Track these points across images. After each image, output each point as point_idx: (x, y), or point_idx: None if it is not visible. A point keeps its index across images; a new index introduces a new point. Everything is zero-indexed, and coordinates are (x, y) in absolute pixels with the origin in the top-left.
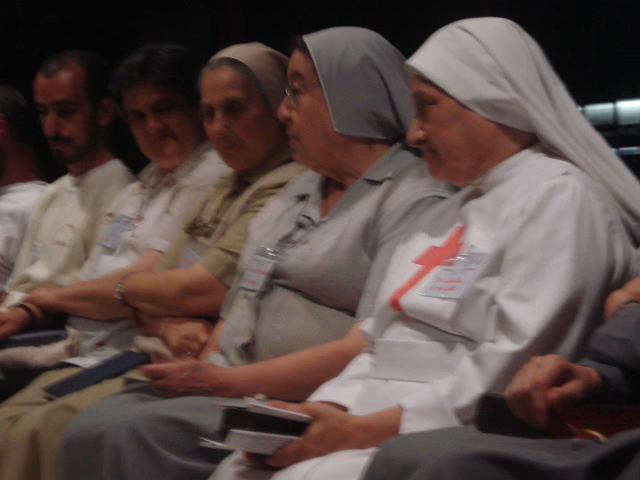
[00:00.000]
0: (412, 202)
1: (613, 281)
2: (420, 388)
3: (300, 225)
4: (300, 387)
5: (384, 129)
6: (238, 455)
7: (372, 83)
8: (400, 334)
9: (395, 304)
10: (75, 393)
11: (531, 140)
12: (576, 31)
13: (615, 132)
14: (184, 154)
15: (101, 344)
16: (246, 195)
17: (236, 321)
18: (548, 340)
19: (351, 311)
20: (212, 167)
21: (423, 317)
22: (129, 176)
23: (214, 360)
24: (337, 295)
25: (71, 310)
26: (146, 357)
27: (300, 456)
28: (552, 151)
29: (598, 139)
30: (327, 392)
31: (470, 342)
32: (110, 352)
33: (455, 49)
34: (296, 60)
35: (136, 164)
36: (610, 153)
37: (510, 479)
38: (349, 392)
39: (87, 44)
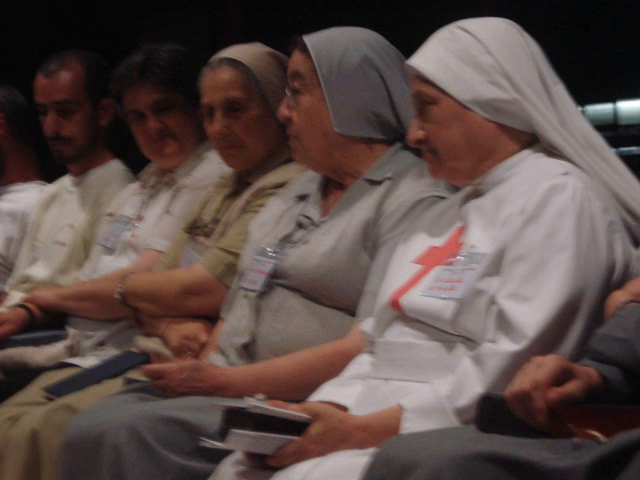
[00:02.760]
0: (412, 202)
1: (613, 281)
2: (420, 388)
3: (300, 225)
4: (300, 387)
5: (384, 129)
6: (238, 455)
7: (372, 83)
8: (400, 334)
9: (395, 304)
10: (75, 393)
11: (531, 140)
12: (576, 31)
13: (615, 132)
14: (184, 154)
15: (101, 344)
16: (246, 195)
17: (236, 321)
18: (548, 340)
19: (351, 311)
20: (212, 167)
21: (423, 317)
22: (129, 176)
23: (214, 360)
24: (337, 295)
25: (71, 310)
26: (146, 357)
27: (300, 456)
28: (552, 151)
29: (598, 139)
30: (327, 392)
31: (470, 342)
32: (110, 352)
33: (455, 49)
34: (296, 60)
35: (136, 164)
36: (610, 153)
37: (510, 479)
38: (349, 392)
39: (87, 44)
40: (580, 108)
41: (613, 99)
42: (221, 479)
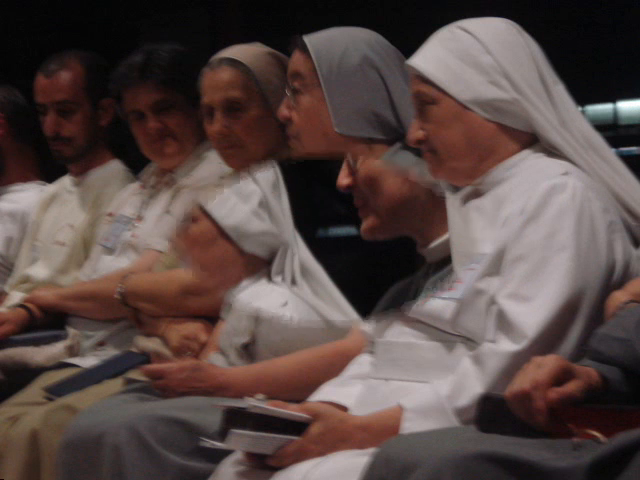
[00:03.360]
0: None
1: (613, 281)
2: (420, 388)
3: None
4: (300, 387)
5: (384, 129)
6: (238, 455)
7: (372, 83)
8: (400, 334)
9: None
10: (75, 393)
11: (531, 140)
12: (576, 31)
13: (615, 132)
14: (184, 154)
15: (101, 344)
16: None
17: (236, 321)
18: (548, 340)
19: None
20: (212, 167)
21: (423, 317)
22: (129, 176)
23: (214, 360)
24: None
25: (71, 310)
26: (146, 357)
27: (300, 456)
28: (552, 151)
29: (598, 139)
30: (327, 392)
31: (470, 342)
32: (110, 352)
33: (455, 49)
34: (296, 60)
35: (136, 164)
36: (610, 153)
37: (510, 479)
38: (349, 392)
39: (87, 44)
40: (580, 108)
41: (613, 99)
42: (221, 479)
